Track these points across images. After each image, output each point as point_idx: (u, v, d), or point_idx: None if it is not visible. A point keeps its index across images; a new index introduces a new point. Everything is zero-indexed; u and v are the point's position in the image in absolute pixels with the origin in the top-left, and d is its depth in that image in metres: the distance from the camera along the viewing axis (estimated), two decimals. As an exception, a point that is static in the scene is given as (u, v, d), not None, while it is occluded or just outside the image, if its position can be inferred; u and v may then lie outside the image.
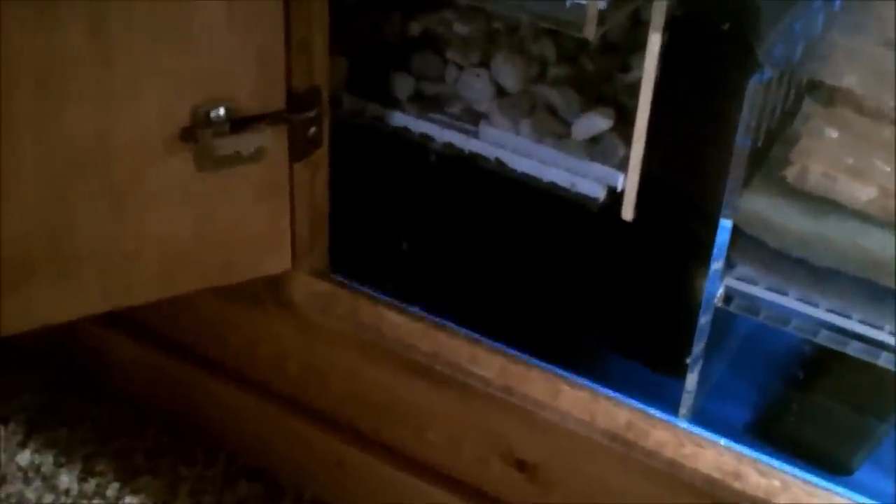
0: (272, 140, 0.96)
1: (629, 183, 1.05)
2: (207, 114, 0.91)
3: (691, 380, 1.07)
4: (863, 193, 0.94)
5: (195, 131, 0.92)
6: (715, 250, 1.00)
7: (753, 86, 0.92)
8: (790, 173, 0.96)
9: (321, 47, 0.98)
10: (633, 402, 1.03)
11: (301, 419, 1.16)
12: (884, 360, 0.97)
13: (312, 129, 1.00)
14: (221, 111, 0.91)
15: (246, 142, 0.94)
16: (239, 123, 0.93)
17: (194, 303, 1.10)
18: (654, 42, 0.96)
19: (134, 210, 0.95)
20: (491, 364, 1.01)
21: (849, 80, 0.93)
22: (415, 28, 1.17)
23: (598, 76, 1.11)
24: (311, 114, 0.98)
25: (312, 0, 0.95)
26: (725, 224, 0.98)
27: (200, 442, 1.27)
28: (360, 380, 1.10)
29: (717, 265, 1.00)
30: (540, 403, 0.99)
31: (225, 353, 1.20)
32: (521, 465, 1.04)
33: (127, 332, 1.26)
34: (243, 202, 0.99)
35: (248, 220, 1.01)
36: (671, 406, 1.05)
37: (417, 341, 1.03)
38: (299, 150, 1.00)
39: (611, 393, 1.03)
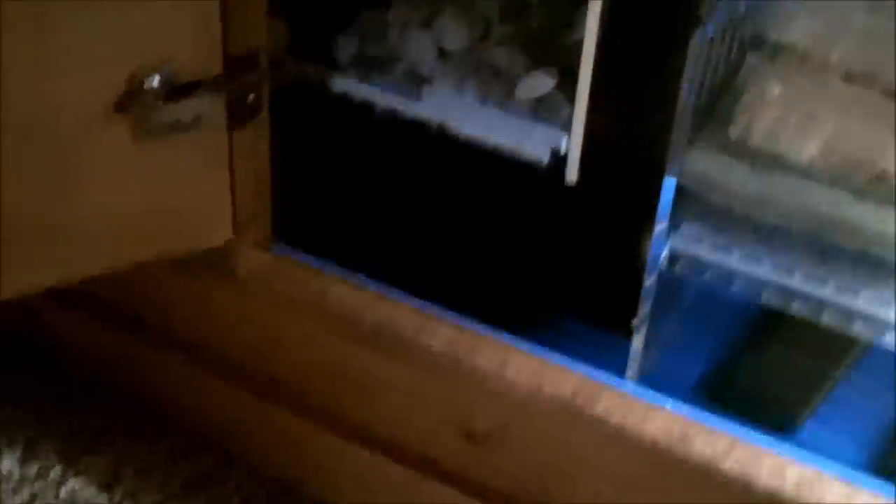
0: (211, 107, 0.95)
1: (573, 145, 1.04)
2: (143, 82, 0.89)
3: (638, 341, 1.07)
4: (807, 150, 0.93)
5: (131, 100, 0.90)
6: (660, 210, 0.99)
7: (696, 42, 0.92)
8: (734, 131, 0.96)
9: (259, 9, 0.96)
10: (582, 368, 1.02)
11: (249, 391, 1.15)
12: (826, 318, 0.98)
13: (252, 95, 0.99)
14: (157, 79, 0.89)
15: (184, 109, 0.92)
16: (176, 91, 0.91)
17: (140, 275, 1.08)
18: (595, 3, 0.95)
19: (76, 181, 0.93)
20: (438, 334, 1.00)
21: (794, 34, 0.93)
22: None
23: (544, 34, 1.09)
24: (250, 79, 0.96)
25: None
26: (670, 183, 0.98)
27: (149, 417, 1.25)
28: (307, 352, 1.09)
29: (661, 225, 1.00)
30: (488, 373, 0.98)
31: (171, 324, 1.18)
32: (473, 435, 1.03)
33: (72, 306, 1.24)
34: (184, 171, 0.97)
35: (189, 190, 0.99)
36: (620, 368, 1.05)
37: (363, 312, 1.02)
38: (239, 116, 0.98)
39: (560, 359, 1.03)
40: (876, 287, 0.95)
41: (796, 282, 0.98)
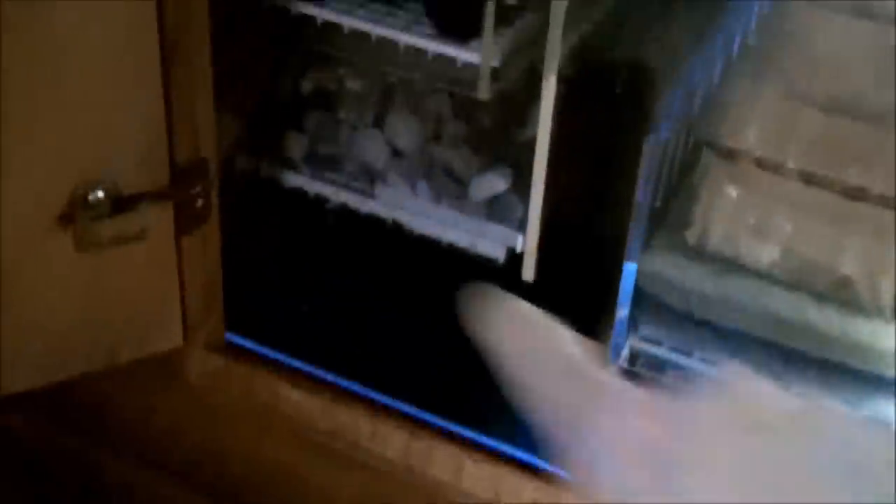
0: (157, 218, 0.92)
1: (528, 244, 1.02)
2: (87, 194, 0.87)
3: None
4: (766, 254, 0.92)
5: (74, 215, 0.87)
6: (620, 301, 0.97)
7: (650, 146, 0.90)
8: (691, 234, 0.95)
9: (206, 118, 0.94)
10: (543, 467, 1.00)
11: (201, 495, 1.11)
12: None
13: (200, 202, 0.96)
14: (100, 193, 0.87)
15: (128, 223, 0.89)
16: (120, 203, 0.89)
17: (87, 381, 1.05)
18: (547, 101, 0.94)
19: (17, 296, 0.90)
20: (392, 442, 0.98)
21: (747, 139, 0.92)
22: (307, 86, 1.14)
23: (496, 133, 1.08)
24: (197, 189, 0.94)
25: (194, 71, 0.91)
26: (630, 273, 0.96)
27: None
28: (260, 459, 1.06)
29: (621, 315, 0.98)
30: (443, 484, 0.96)
31: (120, 428, 1.15)
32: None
33: (19, 408, 1.21)
34: (129, 282, 0.95)
35: (135, 300, 0.96)
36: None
37: (316, 419, 1.00)
38: (187, 224, 0.96)
39: (519, 457, 1.00)
40: (840, 392, 0.94)
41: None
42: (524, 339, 0.43)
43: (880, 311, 0.89)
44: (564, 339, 0.43)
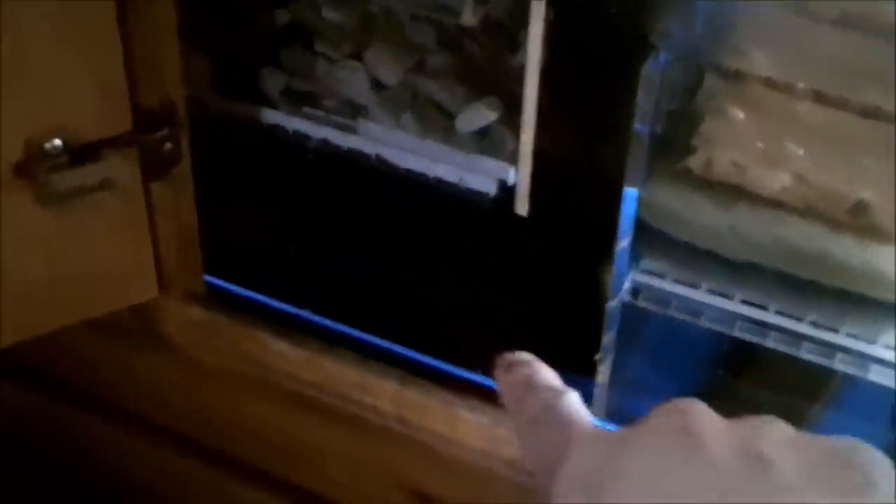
0: (121, 165, 0.86)
1: (521, 176, 0.96)
2: (42, 145, 0.81)
3: (602, 378, 1.00)
4: (776, 181, 0.86)
5: (30, 167, 0.81)
6: (620, 230, 0.92)
7: (648, 70, 0.84)
8: (695, 163, 0.89)
9: (170, 56, 0.88)
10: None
11: (190, 457, 1.07)
12: (805, 352, 0.91)
13: (168, 146, 0.90)
14: (57, 142, 0.81)
15: (89, 173, 0.83)
16: (80, 153, 0.83)
17: (66, 337, 1.00)
18: (536, 25, 0.87)
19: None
20: (382, 392, 0.92)
21: (754, 59, 0.85)
22: (282, 18, 1.07)
23: (484, 61, 1.02)
24: (164, 132, 0.88)
25: (155, 7, 0.85)
26: (631, 198, 0.91)
27: (86, 484, 1.17)
28: (247, 415, 1.01)
29: (623, 245, 0.93)
30: (438, 435, 0.91)
31: (102, 388, 1.10)
32: (425, 500, 0.96)
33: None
34: (97, 233, 0.89)
35: (104, 252, 0.91)
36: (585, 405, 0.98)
37: (303, 371, 0.94)
38: (155, 170, 0.90)
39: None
40: (858, 321, 0.89)
41: (770, 315, 0.91)
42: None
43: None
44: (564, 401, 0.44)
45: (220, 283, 1.07)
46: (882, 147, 0.83)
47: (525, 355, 0.50)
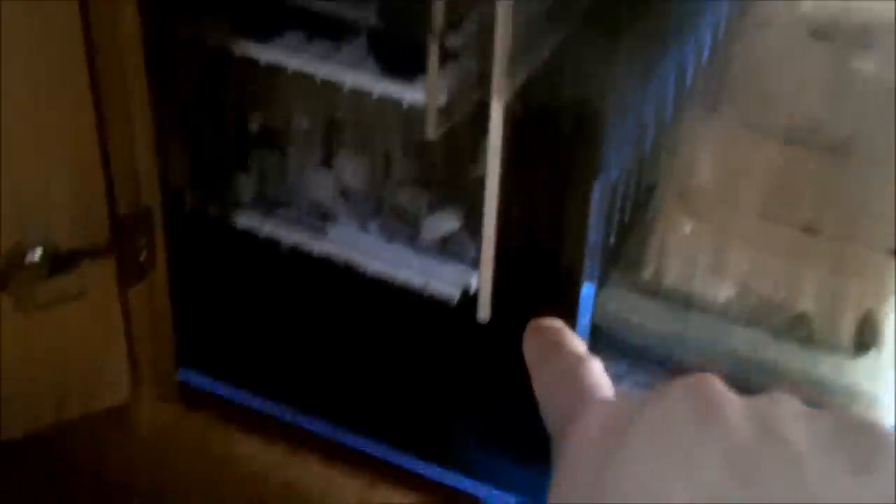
0: (98, 274, 0.90)
1: (483, 284, 1.00)
2: (22, 256, 0.84)
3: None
4: (722, 291, 0.90)
5: (9, 277, 0.84)
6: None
7: (599, 185, 0.89)
8: (646, 273, 0.93)
9: (147, 165, 0.92)
10: None
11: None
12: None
13: (144, 253, 0.94)
14: (37, 253, 0.84)
15: (67, 283, 0.87)
16: (59, 262, 0.86)
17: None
18: (495, 141, 0.92)
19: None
20: (349, 493, 0.95)
21: (700, 176, 0.90)
22: (254, 125, 1.11)
23: (447, 171, 1.06)
24: (140, 241, 0.92)
25: (132, 118, 0.89)
26: (584, 323, 0.95)
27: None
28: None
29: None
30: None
31: (72, 482, 1.12)
32: None
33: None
34: (72, 338, 0.92)
35: (79, 356, 0.94)
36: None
37: (271, 471, 0.97)
38: (131, 276, 0.94)
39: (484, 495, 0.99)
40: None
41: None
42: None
43: (839, 347, 0.87)
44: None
45: (194, 377, 1.11)
46: (821, 260, 0.87)
47: (555, 321, 0.50)
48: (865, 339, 0.86)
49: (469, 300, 1.02)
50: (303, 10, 0.95)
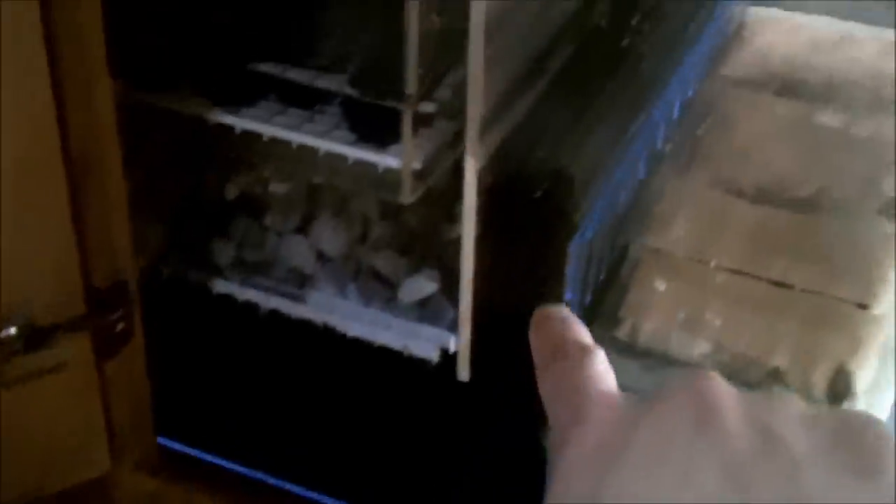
0: (74, 348, 0.90)
1: (461, 344, 1.01)
2: (-1, 332, 0.84)
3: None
4: (697, 348, 0.91)
5: (-12, 352, 0.85)
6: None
7: (575, 246, 0.90)
8: (622, 330, 0.94)
9: (122, 237, 0.92)
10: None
11: None
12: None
13: (120, 325, 0.94)
14: (12, 330, 0.84)
15: (44, 358, 0.87)
16: (34, 338, 0.86)
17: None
18: (470, 205, 0.93)
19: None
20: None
21: (673, 235, 0.91)
22: (231, 191, 1.12)
23: (423, 233, 1.07)
24: (116, 313, 0.92)
25: (106, 190, 0.89)
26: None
27: None
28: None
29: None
30: None
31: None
32: None
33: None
34: (50, 413, 0.92)
35: (57, 430, 0.94)
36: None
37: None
38: (109, 348, 0.94)
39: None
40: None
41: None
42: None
43: (813, 402, 0.88)
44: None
45: (173, 444, 1.10)
46: (794, 315, 0.88)
47: (562, 310, 0.49)
48: (838, 391, 0.86)
49: (449, 360, 1.02)
50: (277, 79, 0.96)
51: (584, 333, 0.47)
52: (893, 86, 1.16)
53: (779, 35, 1.27)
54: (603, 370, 0.45)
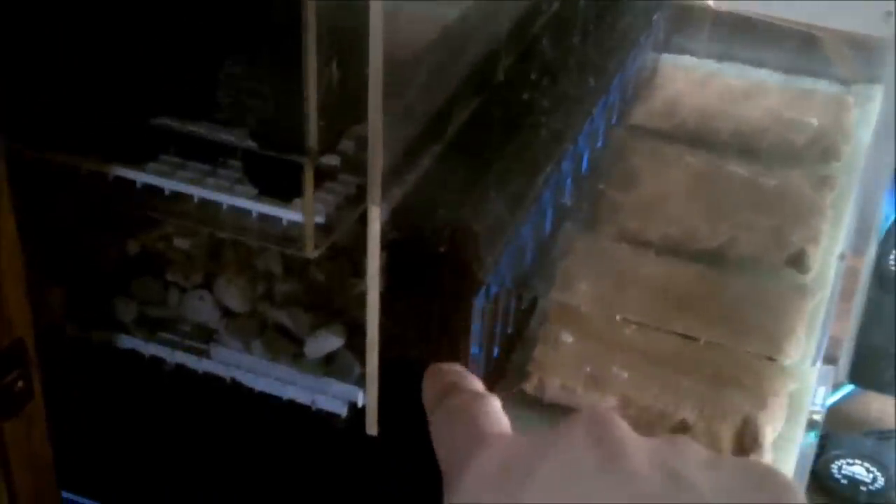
0: (-33, 411, 0.87)
1: (369, 399, 0.99)
2: None
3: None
4: (604, 402, 0.91)
5: None
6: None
7: (479, 301, 0.89)
8: (529, 385, 0.93)
9: (18, 300, 0.90)
10: None
11: None
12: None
13: (19, 385, 0.92)
14: None
15: (-66, 421, 0.84)
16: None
17: None
18: (373, 260, 0.91)
19: None
20: None
21: (579, 291, 0.90)
22: (133, 248, 1.10)
23: (329, 288, 1.06)
24: (14, 374, 0.89)
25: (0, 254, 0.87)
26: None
27: None
28: None
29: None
30: None
31: None
32: None
33: None
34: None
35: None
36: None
37: None
38: (6, 410, 0.91)
39: None
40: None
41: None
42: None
43: (719, 453, 0.88)
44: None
45: (81, 500, 1.08)
46: (700, 369, 0.88)
47: (455, 366, 0.49)
48: (745, 444, 0.86)
49: (358, 414, 1.01)
50: (177, 133, 0.94)
51: (476, 383, 0.47)
52: (803, 135, 1.17)
53: (690, 84, 1.28)
54: (497, 412, 0.45)
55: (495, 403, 0.44)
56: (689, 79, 1.30)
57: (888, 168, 1.13)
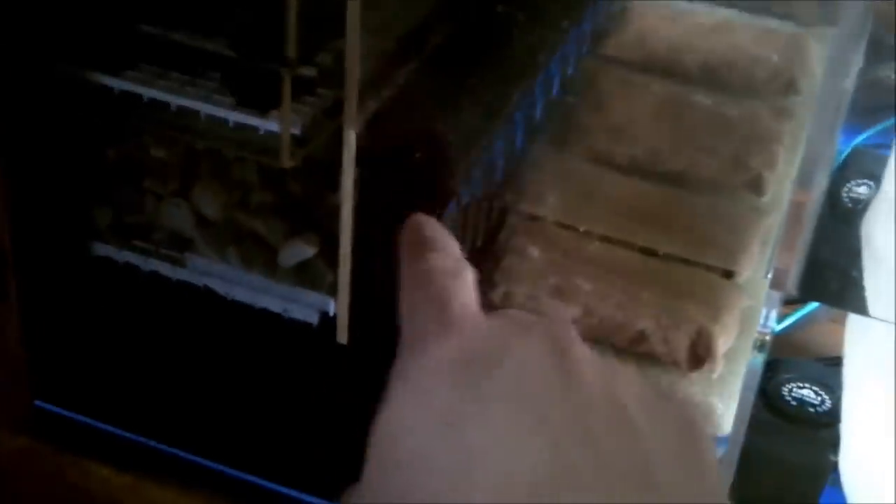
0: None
1: (340, 307, 1.02)
2: None
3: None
4: (568, 313, 0.94)
5: None
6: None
7: (450, 212, 0.92)
8: (496, 294, 0.96)
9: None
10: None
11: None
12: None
13: (-4, 282, 0.94)
14: None
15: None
16: None
17: None
18: (348, 171, 0.94)
19: None
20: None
21: (547, 205, 0.94)
22: (111, 155, 1.12)
23: (304, 199, 1.08)
24: (-9, 270, 0.92)
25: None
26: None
27: None
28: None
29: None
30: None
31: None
32: None
33: None
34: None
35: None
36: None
37: (126, 498, 0.98)
38: (-17, 307, 0.94)
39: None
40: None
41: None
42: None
43: (675, 363, 0.92)
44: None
45: (50, 407, 1.10)
46: (659, 283, 0.92)
47: (435, 222, 0.50)
48: (699, 354, 0.90)
49: (330, 322, 1.04)
50: (158, 42, 0.96)
51: (454, 247, 0.48)
52: (765, 70, 1.20)
53: (660, 20, 1.31)
54: (468, 290, 0.46)
55: (468, 278, 0.45)
56: (661, 15, 1.33)
57: (837, 104, 1.16)
